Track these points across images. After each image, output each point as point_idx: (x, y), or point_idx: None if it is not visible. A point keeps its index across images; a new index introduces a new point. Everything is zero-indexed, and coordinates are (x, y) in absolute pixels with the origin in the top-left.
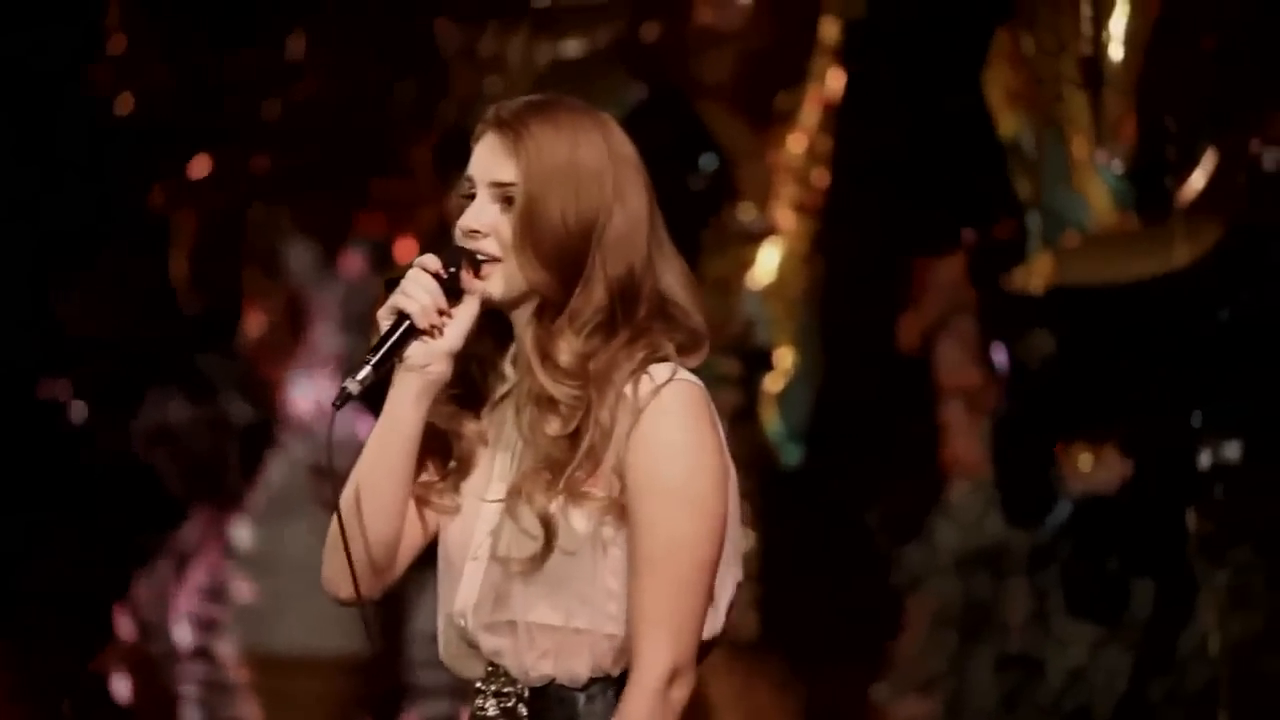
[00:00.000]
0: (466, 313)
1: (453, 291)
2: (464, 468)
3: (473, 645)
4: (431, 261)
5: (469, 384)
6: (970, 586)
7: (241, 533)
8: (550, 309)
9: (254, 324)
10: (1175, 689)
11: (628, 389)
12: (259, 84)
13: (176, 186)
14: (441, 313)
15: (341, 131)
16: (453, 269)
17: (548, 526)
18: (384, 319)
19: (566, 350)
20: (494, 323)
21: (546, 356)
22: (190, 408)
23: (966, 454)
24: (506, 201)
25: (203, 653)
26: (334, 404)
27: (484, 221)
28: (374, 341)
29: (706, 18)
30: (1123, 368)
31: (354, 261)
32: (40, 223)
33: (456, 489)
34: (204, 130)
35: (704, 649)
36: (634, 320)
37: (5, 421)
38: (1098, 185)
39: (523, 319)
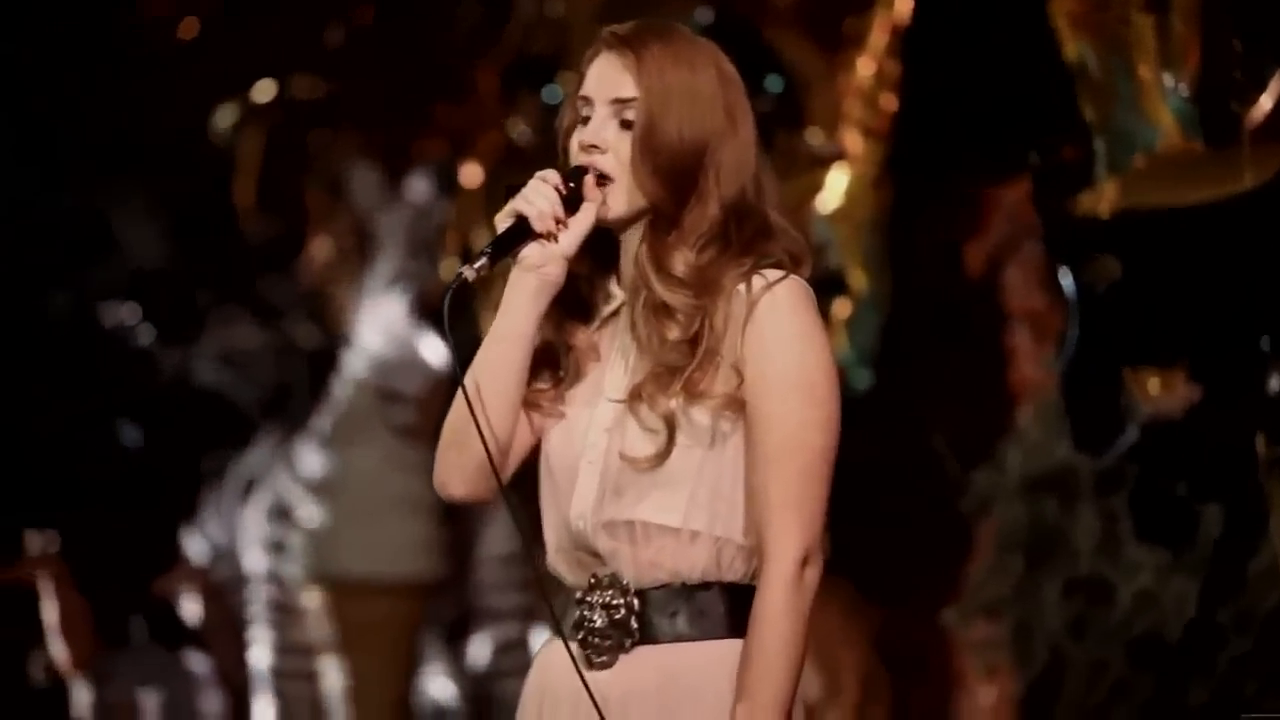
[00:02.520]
0: (582, 222)
1: (571, 205)
2: (572, 378)
3: (586, 549)
4: (552, 175)
5: (580, 301)
6: (1038, 511)
7: (308, 456)
8: (663, 223)
9: (319, 248)
10: (1244, 612)
11: (740, 289)
12: (322, 8)
13: (240, 111)
14: (558, 221)
15: (405, 56)
16: (572, 184)
17: (669, 423)
18: (502, 221)
19: (681, 261)
20: (598, 247)
21: (661, 268)
22: (256, 332)
23: (1034, 379)
24: (625, 119)
25: (270, 575)
26: (449, 289)
27: (602, 138)
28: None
29: None
30: (1190, 292)
31: (418, 185)
32: (103, 147)
33: (564, 398)
34: (267, 55)
35: None
36: (743, 237)
37: (73, 346)
38: (1164, 109)
39: (634, 237)
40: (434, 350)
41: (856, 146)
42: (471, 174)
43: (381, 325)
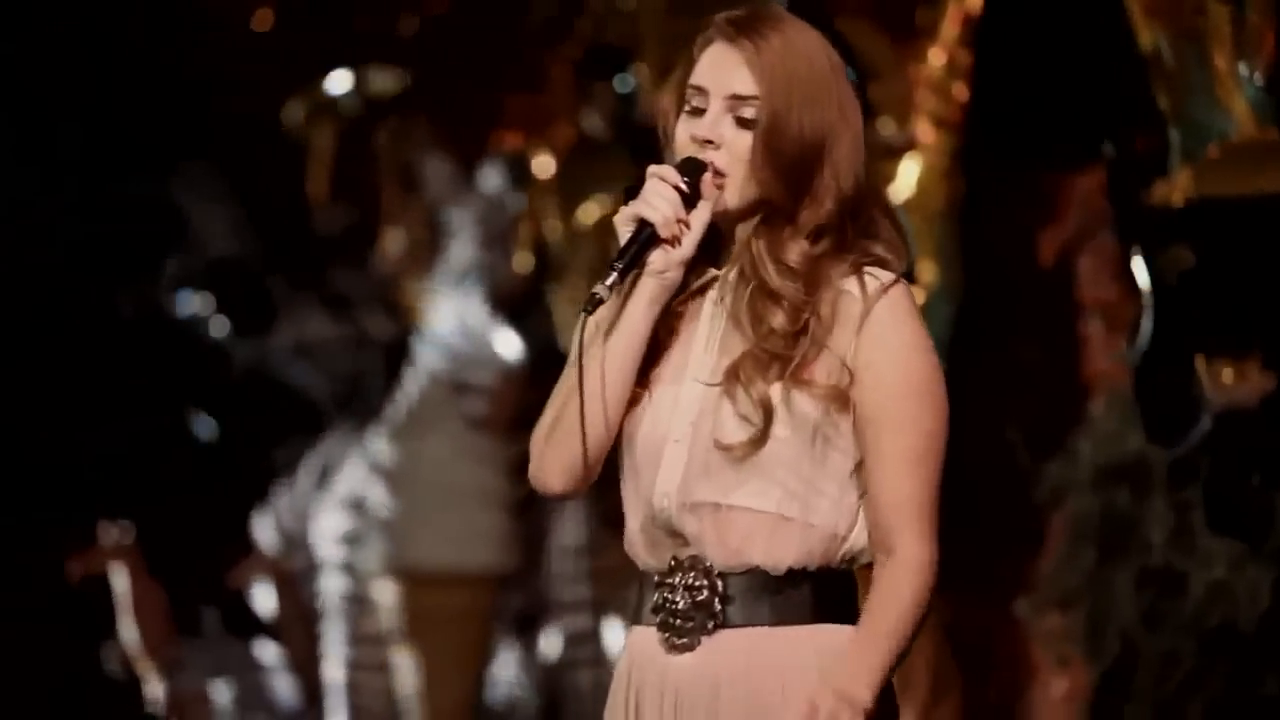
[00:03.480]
0: (700, 222)
1: (689, 201)
2: (654, 355)
3: (670, 530)
4: (671, 173)
5: None
6: (1111, 502)
7: (381, 447)
8: (779, 218)
9: (392, 240)
10: None
11: (850, 285)
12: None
13: (314, 102)
14: (680, 222)
15: (478, 46)
16: (689, 180)
17: (766, 410)
18: (623, 226)
19: (796, 253)
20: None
21: (778, 260)
22: (329, 323)
23: (1107, 369)
24: (742, 115)
25: (343, 566)
26: (584, 309)
27: (718, 133)
28: (619, 248)
29: None
30: (1264, 281)
31: (491, 176)
32: (177, 138)
33: (645, 379)
34: (341, 45)
35: None
36: (856, 229)
37: (146, 338)
38: (1239, 98)
39: (741, 224)
40: (506, 342)
41: (928, 137)
42: (544, 165)
43: (454, 316)
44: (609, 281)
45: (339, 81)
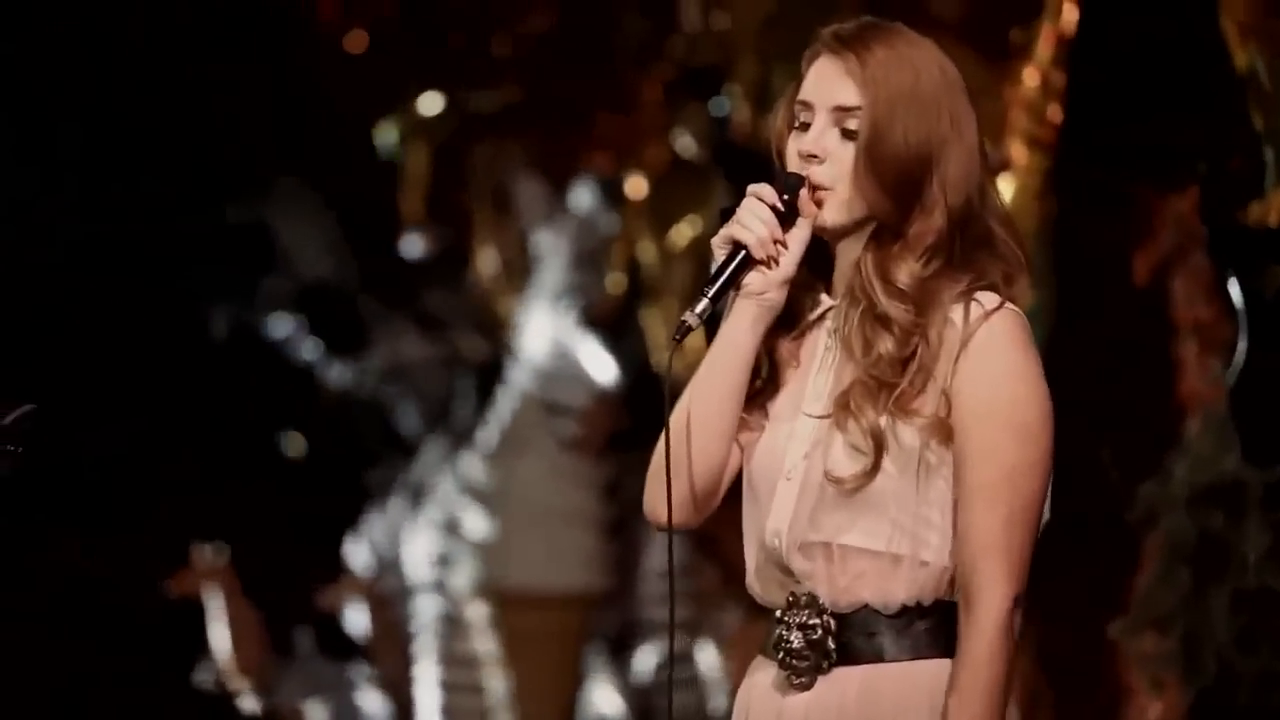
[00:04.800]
0: (799, 240)
1: (787, 219)
2: (772, 388)
3: (783, 568)
4: (768, 192)
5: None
6: (1206, 523)
7: (474, 468)
8: (888, 234)
9: (484, 261)
10: None
11: (956, 313)
12: (489, 20)
13: (407, 123)
14: (777, 242)
15: (570, 66)
16: (786, 198)
17: (877, 441)
18: (719, 248)
19: (906, 273)
20: (809, 252)
21: (887, 279)
22: (422, 344)
23: (1201, 390)
24: (846, 127)
25: (436, 587)
26: (674, 338)
27: (822, 146)
28: (712, 270)
29: None
30: None
31: (583, 197)
32: (270, 159)
33: (764, 409)
34: (433, 66)
35: None
36: (966, 248)
37: (240, 359)
38: None
39: (851, 245)
40: (599, 363)
41: (1022, 157)
42: (636, 186)
43: (547, 337)
44: (699, 309)
45: (432, 102)
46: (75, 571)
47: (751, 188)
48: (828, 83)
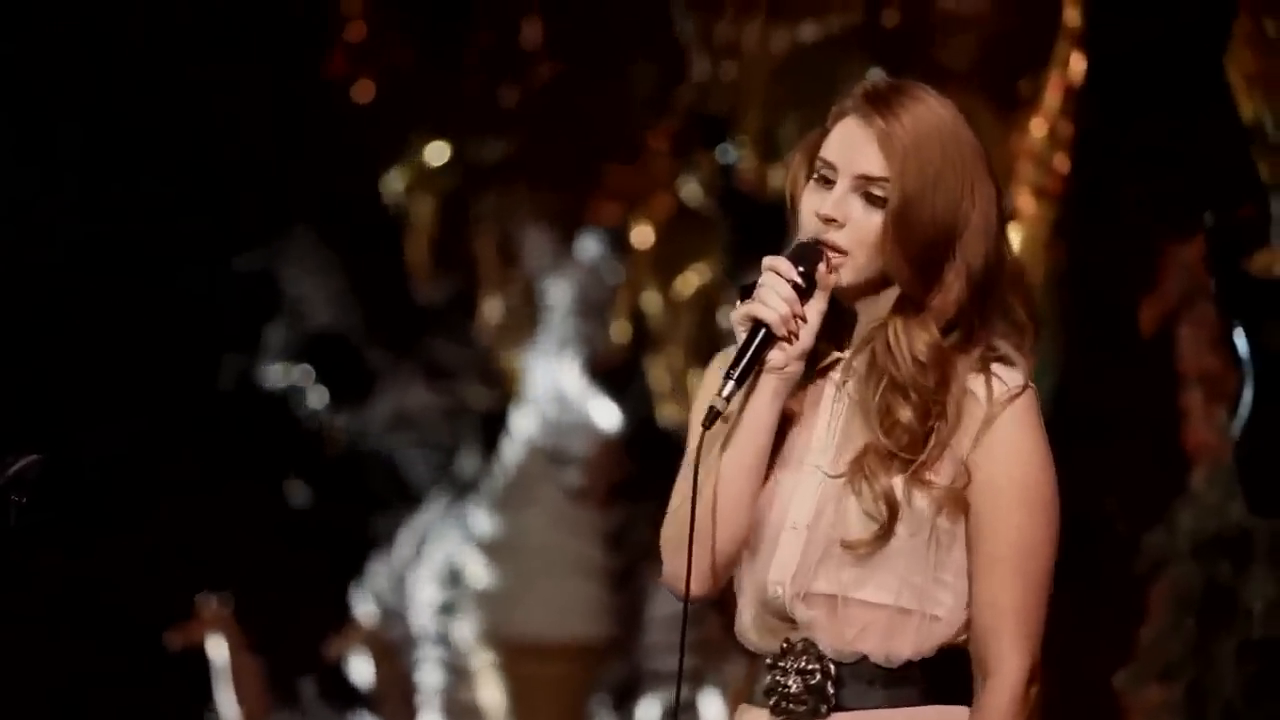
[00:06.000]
0: (817, 312)
1: (805, 293)
2: (775, 440)
3: (782, 616)
4: (786, 268)
5: None
6: (1212, 573)
7: (479, 517)
8: (909, 302)
9: (491, 310)
10: None
11: (977, 386)
12: (496, 70)
13: (414, 173)
14: (796, 316)
15: (577, 117)
16: (804, 269)
17: (891, 506)
18: (739, 325)
19: (925, 344)
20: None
21: (908, 345)
22: (428, 394)
23: (1207, 440)
24: (871, 194)
25: (440, 637)
26: (704, 425)
27: (844, 212)
28: (735, 351)
29: (948, 3)
30: None
31: (590, 246)
32: (277, 209)
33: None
34: (441, 116)
35: None
36: (985, 315)
37: (245, 408)
38: None
39: (870, 303)
40: (604, 412)
41: (1029, 207)
42: (643, 235)
43: (552, 387)
44: (726, 393)
45: (439, 152)
46: (76, 610)
47: (768, 262)
48: (855, 148)
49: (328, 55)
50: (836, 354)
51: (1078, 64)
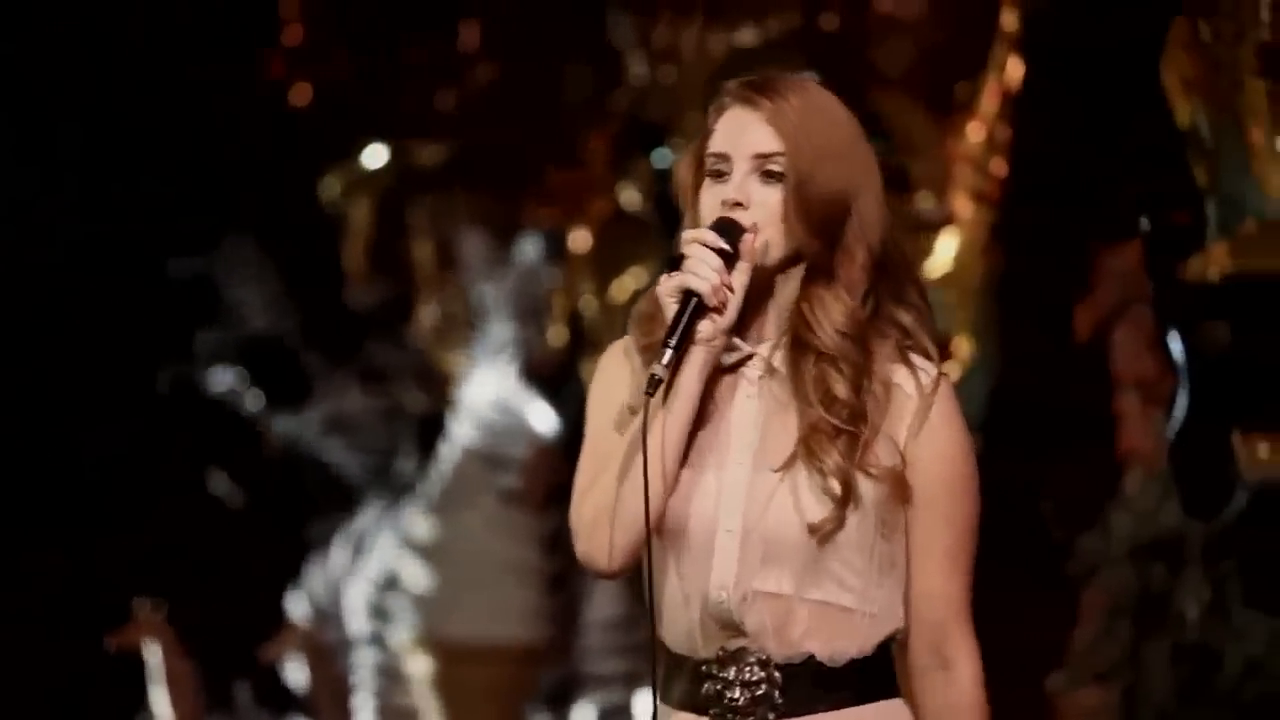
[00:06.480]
0: (741, 285)
1: (729, 264)
2: (693, 440)
3: (726, 623)
4: (711, 236)
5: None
6: (1146, 577)
7: (416, 520)
8: (820, 275)
9: (428, 314)
10: None
11: (901, 378)
12: (433, 74)
13: (351, 176)
14: (725, 285)
15: (514, 121)
16: (729, 241)
17: (845, 482)
18: (668, 297)
19: (841, 312)
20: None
21: (825, 319)
22: (365, 397)
23: (1142, 444)
24: (768, 171)
25: (376, 640)
26: (647, 391)
27: (746, 193)
28: (668, 323)
29: (886, 6)
30: None
31: (527, 250)
32: (213, 213)
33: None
34: (378, 120)
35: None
36: (889, 290)
37: (181, 412)
38: (1276, 173)
39: (784, 288)
40: (541, 416)
41: (966, 211)
42: (580, 239)
43: (489, 390)
44: (665, 360)
45: (376, 155)
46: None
47: (690, 234)
48: (745, 131)
49: (265, 58)
50: (748, 348)
51: (1015, 69)
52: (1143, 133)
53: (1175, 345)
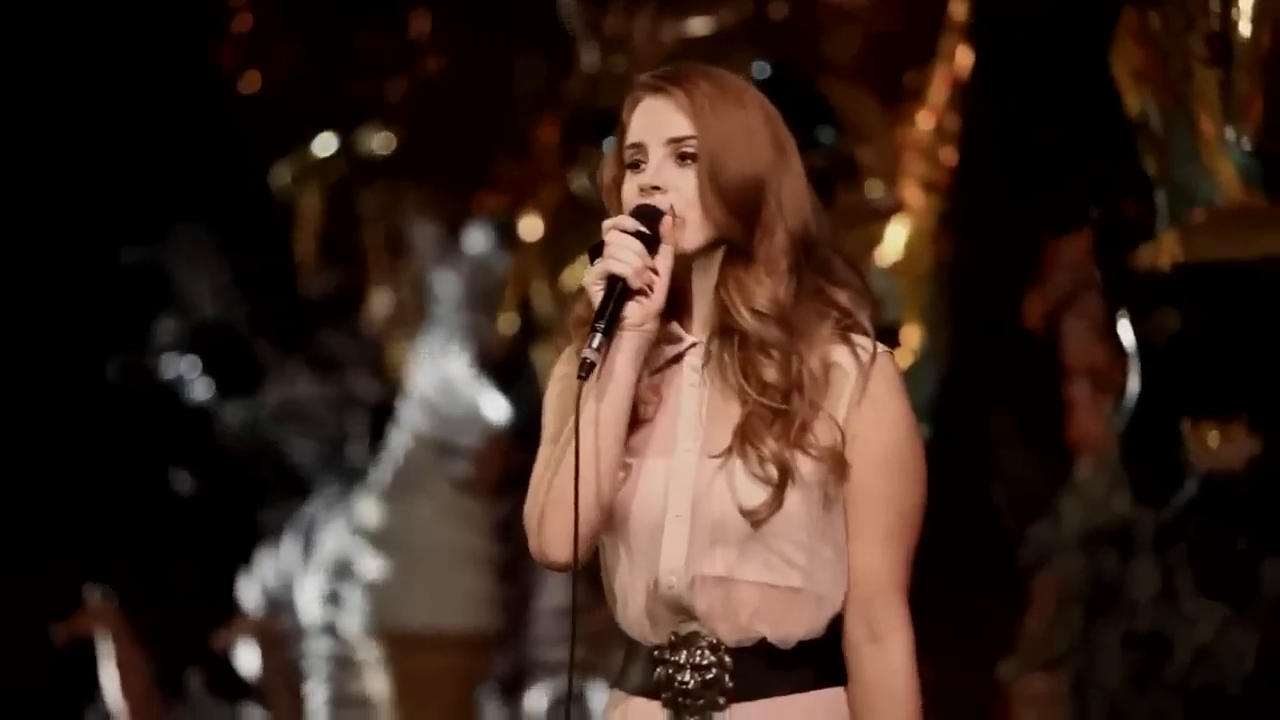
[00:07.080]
0: (665, 268)
1: (650, 247)
2: (631, 428)
3: (677, 608)
4: (628, 221)
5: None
6: (1097, 564)
7: (367, 508)
8: (739, 257)
9: (379, 302)
10: None
11: (840, 356)
12: (383, 62)
13: (301, 165)
14: (648, 269)
15: (465, 110)
16: (647, 223)
17: (782, 467)
18: (593, 285)
19: (763, 295)
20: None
21: (746, 302)
22: (316, 385)
23: (1093, 432)
24: (683, 153)
25: (328, 628)
26: (580, 375)
27: (663, 178)
28: (595, 308)
29: None
30: (1250, 345)
31: (478, 239)
32: (163, 201)
33: (627, 448)
34: (329, 108)
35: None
36: (814, 271)
37: (132, 399)
38: (1225, 163)
39: (707, 277)
40: (492, 403)
41: (916, 200)
42: (531, 227)
43: (440, 378)
44: (595, 344)
45: (326, 144)
46: None
47: (609, 221)
48: (657, 118)
49: (215, 47)
50: (690, 338)
51: (964, 58)
52: (1092, 122)
53: (1125, 334)
